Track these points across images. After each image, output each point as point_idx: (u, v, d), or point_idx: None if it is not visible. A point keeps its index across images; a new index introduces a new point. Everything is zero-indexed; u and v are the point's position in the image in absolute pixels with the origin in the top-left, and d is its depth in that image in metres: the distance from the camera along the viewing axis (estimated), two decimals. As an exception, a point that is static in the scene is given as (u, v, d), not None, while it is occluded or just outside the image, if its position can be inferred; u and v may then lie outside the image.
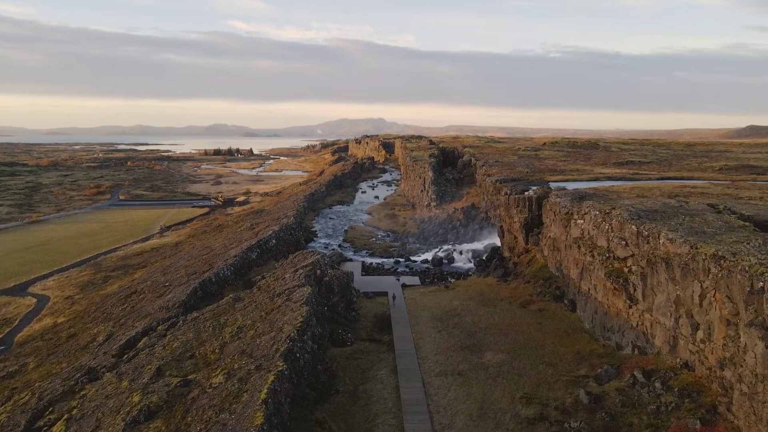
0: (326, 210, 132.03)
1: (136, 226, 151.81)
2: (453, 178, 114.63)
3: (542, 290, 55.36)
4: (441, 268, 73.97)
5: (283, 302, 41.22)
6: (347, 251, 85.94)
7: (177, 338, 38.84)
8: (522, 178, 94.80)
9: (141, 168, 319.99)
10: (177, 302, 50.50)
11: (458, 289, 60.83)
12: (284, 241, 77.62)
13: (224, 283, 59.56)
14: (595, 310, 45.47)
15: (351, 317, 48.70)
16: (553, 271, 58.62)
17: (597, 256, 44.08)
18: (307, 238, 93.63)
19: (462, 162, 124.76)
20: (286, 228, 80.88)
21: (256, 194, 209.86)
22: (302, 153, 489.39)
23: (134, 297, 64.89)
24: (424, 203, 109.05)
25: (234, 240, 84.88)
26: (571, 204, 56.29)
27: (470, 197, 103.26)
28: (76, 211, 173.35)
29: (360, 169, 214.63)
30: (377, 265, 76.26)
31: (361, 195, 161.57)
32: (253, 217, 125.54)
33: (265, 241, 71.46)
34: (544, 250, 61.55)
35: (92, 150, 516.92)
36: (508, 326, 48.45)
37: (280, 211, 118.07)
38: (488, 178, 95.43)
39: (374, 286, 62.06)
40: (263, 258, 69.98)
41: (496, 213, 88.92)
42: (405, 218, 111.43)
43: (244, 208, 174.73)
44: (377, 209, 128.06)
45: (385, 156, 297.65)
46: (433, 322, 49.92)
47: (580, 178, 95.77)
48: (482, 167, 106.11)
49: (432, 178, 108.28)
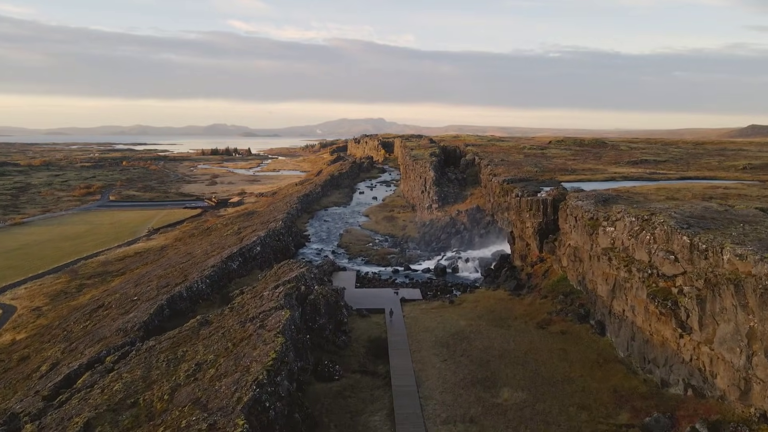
0: (321, 212, 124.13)
1: (124, 228, 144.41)
2: (456, 178, 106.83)
3: (563, 308, 47.56)
4: (445, 279, 66.10)
5: (255, 329, 33.44)
6: (341, 259, 78.02)
7: (122, 377, 31.06)
8: (531, 178, 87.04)
9: (136, 168, 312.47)
10: (137, 324, 42.72)
11: (465, 304, 53.00)
12: (271, 248, 69.83)
13: (198, 298, 51.78)
14: (631, 335, 37.73)
15: (340, 342, 40.95)
16: (574, 284, 50.84)
17: (635, 272, 36.32)
18: (298, 243, 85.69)
19: (465, 161, 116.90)
20: (273, 233, 73.05)
21: (251, 195, 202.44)
22: (301, 153, 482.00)
23: (100, 312, 57.15)
24: (425, 205, 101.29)
25: (217, 246, 77.16)
26: (595, 208, 48.52)
27: (475, 199, 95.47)
28: (62, 213, 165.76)
29: (358, 168, 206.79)
30: (374, 276, 68.35)
31: (358, 196, 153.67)
32: (243, 219, 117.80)
33: (249, 249, 63.63)
34: (563, 260, 53.77)
35: (89, 150, 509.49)
36: (527, 353, 40.68)
37: (271, 214, 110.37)
38: (494, 179, 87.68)
39: (369, 301, 54.29)
40: (246, 267, 62.20)
41: (503, 216, 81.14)
42: (404, 221, 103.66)
43: (237, 209, 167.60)
44: (375, 211, 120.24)
45: (384, 155, 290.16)
46: (437, 347, 42.08)
47: (595, 178, 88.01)
48: (487, 166, 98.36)
49: (433, 178, 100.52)
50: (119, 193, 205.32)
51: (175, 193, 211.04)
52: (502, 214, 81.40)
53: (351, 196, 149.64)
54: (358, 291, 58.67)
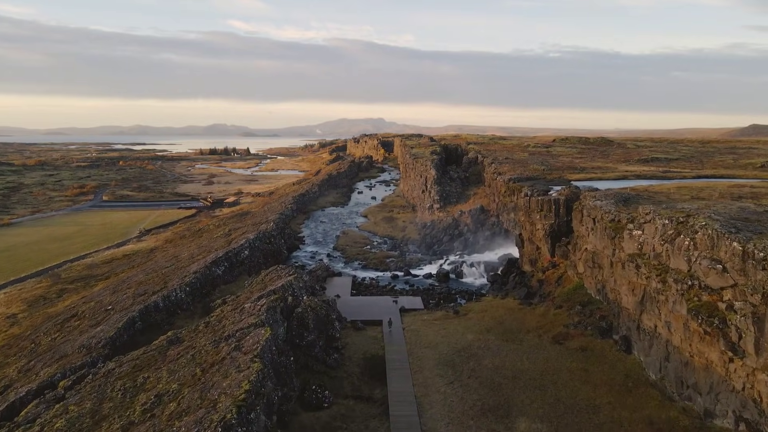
0: (318, 212, 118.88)
1: (115, 229, 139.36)
2: (458, 177, 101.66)
3: (581, 320, 42.47)
4: (448, 286, 60.84)
5: (230, 351, 28.36)
6: (336, 263, 72.73)
7: (68, 410, 25.97)
8: (539, 176, 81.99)
9: (132, 168, 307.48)
10: (102, 339, 37.61)
11: (471, 315, 47.88)
12: (261, 252, 64.70)
13: (176, 308, 46.67)
14: (665, 355, 32.67)
15: (332, 361, 35.89)
16: (592, 293, 45.76)
17: (672, 283, 31.25)
18: (292, 246, 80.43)
19: (467, 159, 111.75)
20: (263, 236, 67.89)
21: (248, 195, 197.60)
22: (300, 152, 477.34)
23: (72, 323, 52.03)
24: (426, 205, 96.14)
25: (205, 249, 72.08)
26: (616, 208, 43.42)
27: (478, 198, 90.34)
28: (52, 213, 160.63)
29: (357, 168, 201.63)
30: (371, 282, 63.03)
31: (357, 196, 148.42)
32: (236, 220, 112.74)
33: (236, 253, 58.48)
34: (579, 265, 48.68)
35: (87, 150, 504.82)
36: (543, 374, 35.60)
37: (264, 214, 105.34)
38: (499, 177, 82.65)
39: (366, 311, 49.19)
40: (233, 273, 57.07)
41: (509, 217, 76.10)
42: (404, 222, 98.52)
43: (233, 209, 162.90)
44: (374, 211, 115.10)
45: (383, 155, 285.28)
46: (441, 367, 36.99)
47: (606, 177, 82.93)
48: (491, 165, 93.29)
49: (435, 176, 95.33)
50: (113, 193, 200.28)
51: (170, 193, 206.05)
52: (508, 215, 76.35)
53: (349, 196, 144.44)
54: (353, 299, 53.53)
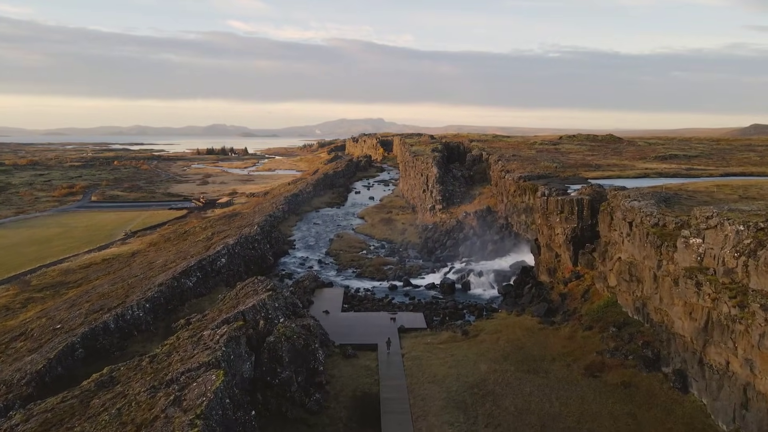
0: (312, 214, 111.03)
1: (100, 231, 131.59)
2: (462, 175, 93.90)
3: (618, 345, 34.74)
4: (454, 299, 52.73)
5: (166, 406, 20.65)
6: (328, 270, 64.84)
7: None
8: (551, 174, 74.31)
9: (127, 168, 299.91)
10: (28, 374, 29.88)
11: (483, 336, 40.11)
12: (242, 259, 56.92)
13: (134, 329, 38.96)
14: (743, 402, 25.00)
15: (312, 404, 28.20)
16: (629, 312, 38.05)
17: (759, 310, 23.60)
18: (280, 250, 72.47)
19: (471, 157, 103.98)
20: (245, 241, 60.01)
21: (242, 195, 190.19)
22: (298, 152, 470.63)
23: (16, 344, 44.37)
24: (428, 206, 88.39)
25: (183, 255, 64.39)
26: (659, 210, 35.72)
27: (484, 199, 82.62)
28: (37, 214, 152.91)
29: (355, 167, 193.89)
30: (366, 293, 54.83)
31: (354, 196, 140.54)
32: (224, 222, 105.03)
33: (211, 261, 50.71)
34: (610, 277, 40.98)
35: (83, 150, 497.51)
36: (580, 421, 27.88)
37: (253, 216, 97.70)
38: (508, 176, 74.96)
39: (358, 331, 41.47)
40: (207, 284, 49.36)
41: (520, 219, 68.43)
42: (404, 224, 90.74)
43: (225, 210, 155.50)
44: (371, 213, 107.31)
45: (383, 154, 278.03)
46: (450, 410, 29.26)
47: (625, 174, 75.23)
48: (498, 162, 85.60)
49: (437, 175, 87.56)
50: (103, 193, 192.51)
51: (162, 193, 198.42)
52: (519, 217, 68.67)
53: (346, 197, 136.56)
54: (344, 316, 45.73)
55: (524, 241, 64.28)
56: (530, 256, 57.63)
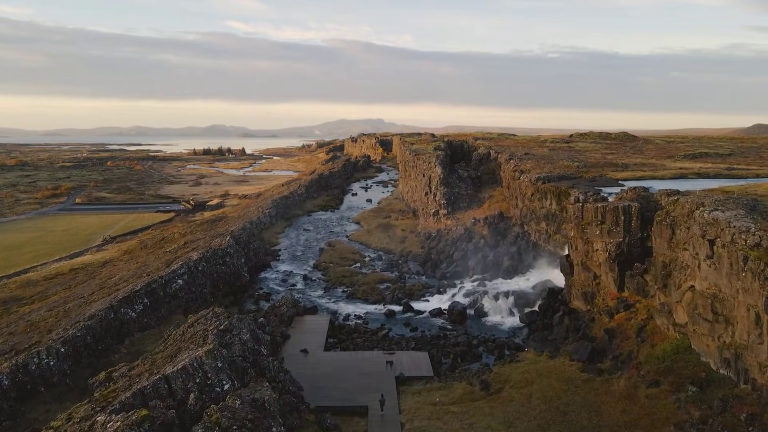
0: (303, 218, 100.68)
1: (77, 236, 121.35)
2: (468, 176, 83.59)
3: (705, 415, 24.49)
4: (466, 330, 41.99)
5: None
6: (314, 289, 54.33)
7: None
8: (573, 175, 64.05)
9: (120, 168, 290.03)
10: None
11: (509, 392, 29.81)
12: (209, 277, 46.63)
13: (40, 383, 28.74)
14: None
15: None
16: (711, 363, 27.82)
17: None
18: (261, 263, 62.00)
19: (477, 156, 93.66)
20: (213, 256, 49.55)
21: (234, 197, 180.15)
22: (297, 153, 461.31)
23: None
24: (431, 210, 78.14)
25: (145, 269, 54.06)
26: (759, 226, 25.56)
27: (495, 203, 72.34)
28: (14, 218, 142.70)
29: (353, 167, 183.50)
30: (357, 322, 44.13)
31: (350, 198, 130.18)
32: (206, 228, 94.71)
33: (164, 284, 40.47)
34: (678, 312, 30.77)
35: (79, 150, 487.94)
36: None
37: (238, 221, 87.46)
38: (523, 177, 64.70)
39: (345, 381, 31.21)
40: (159, 312, 39.09)
41: (539, 228, 58.16)
42: (404, 231, 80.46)
43: (214, 213, 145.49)
44: (368, 217, 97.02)
45: (382, 154, 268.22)
46: None
47: (659, 175, 64.83)
48: (509, 161, 75.33)
49: (441, 175, 77.29)
50: (89, 194, 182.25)
51: (151, 195, 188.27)
52: (538, 225, 58.37)
53: (341, 199, 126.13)
54: (328, 357, 35.43)
55: (545, 253, 54.04)
56: (556, 274, 47.40)
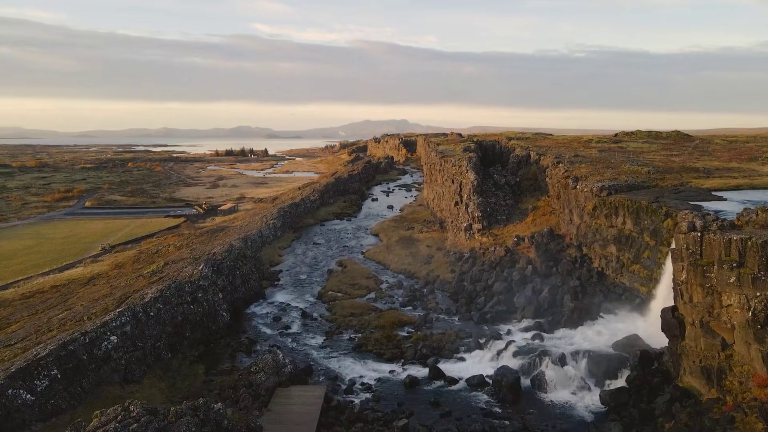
0: (315, 229, 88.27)
1: (76, 244, 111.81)
2: (506, 182, 69.99)
3: None
4: (522, 417, 28.52)
5: None
6: (313, 334, 40.85)
7: None
8: (646, 183, 49.99)
9: (140, 170, 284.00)
10: None
11: None
12: (168, 324, 34.37)
13: None
14: None
15: None
16: None
17: None
18: (251, 293, 49.09)
19: (515, 158, 79.85)
20: (178, 291, 36.79)
21: (249, 200, 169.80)
22: (320, 153, 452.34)
23: None
24: (462, 224, 64.82)
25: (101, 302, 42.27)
26: None
27: (541, 216, 58.67)
28: (17, 223, 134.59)
29: (374, 169, 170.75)
30: (364, 400, 30.34)
31: (370, 204, 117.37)
32: (205, 239, 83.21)
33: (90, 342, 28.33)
34: None
35: (105, 151, 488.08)
36: None
37: (238, 233, 75.65)
38: (581, 185, 50.92)
39: None
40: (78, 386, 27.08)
41: (606, 252, 44.45)
42: (429, 247, 67.33)
43: (225, 218, 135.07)
44: (388, 228, 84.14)
45: (405, 155, 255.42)
46: None
47: (758, 183, 50.44)
48: (557, 165, 61.53)
49: (474, 182, 63.68)
50: (100, 197, 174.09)
51: (164, 198, 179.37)
52: (606, 249, 44.66)
53: (359, 205, 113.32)
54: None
55: (619, 289, 40.36)
56: (640, 323, 33.80)
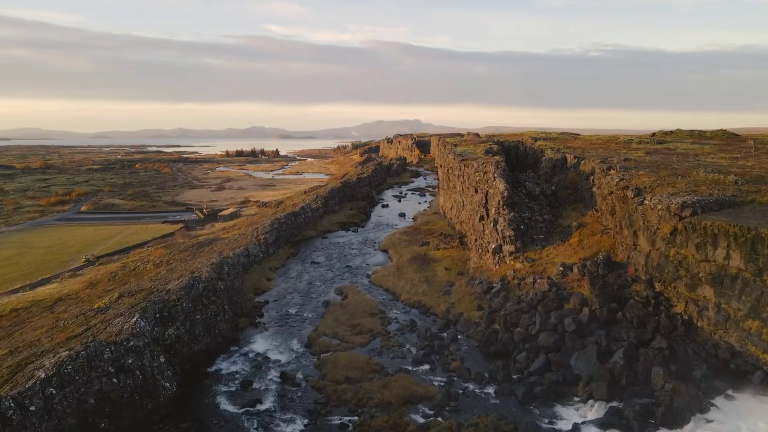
0: (316, 242, 76.79)
1: (59, 255, 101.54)
2: (541, 192, 57.86)
3: None
4: None
5: None
6: (291, 416, 29.83)
7: None
8: (737, 198, 37.80)
9: (147, 171, 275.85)
10: None
11: None
12: (74, 411, 23.15)
13: None
14: None
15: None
16: None
17: None
18: (219, 340, 37.60)
19: (549, 162, 67.53)
20: (94, 358, 24.98)
21: (253, 205, 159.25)
22: (331, 154, 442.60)
23: None
24: (489, 244, 52.73)
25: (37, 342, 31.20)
26: None
27: (589, 236, 46.53)
28: (3, 229, 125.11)
29: (385, 172, 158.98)
30: None
31: (380, 211, 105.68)
32: (189, 255, 72.07)
33: None
34: None
35: (117, 152, 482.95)
36: None
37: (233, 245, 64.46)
38: (649, 200, 38.82)
39: None
40: None
41: (701, 296, 32.39)
42: (449, 271, 55.32)
43: (225, 224, 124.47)
44: (399, 243, 72.37)
45: (419, 156, 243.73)
46: None
47: None
48: (608, 172, 49.27)
49: (505, 193, 51.41)
50: (97, 202, 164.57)
51: (165, 201, 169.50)
52: (696, 291, 32.44)
53: (368, 213, 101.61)
54: None
55: (725, 352, 28.33)
56: None
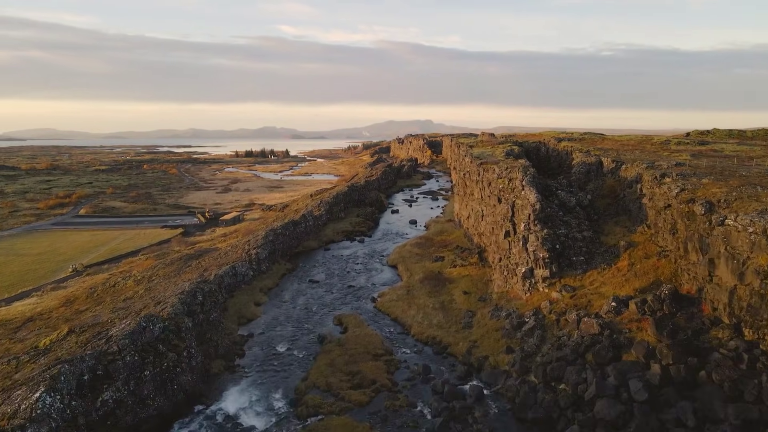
0: (317, 255, 68.82)
1: (48, 262, 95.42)
2: (577, 203, 49.13)
3: None
4: None
5: None
6: None
7: None
8: None
9: (155, 171, 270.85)
10: None
11: None
12: None
13: None
14: None
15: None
16: None
17: None
18: (174, 400, 29.15)
19: (583, 167, 58.65)
20: None
21: (258, 208, 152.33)
22: (342, 154, 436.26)
23: None
24: (518, 267, 44.01)
25: None
26: None
27: (643, 260, 37.93)
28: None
29: (395, 174, 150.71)
30: None
31: (389, 218, 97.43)
32: (174, 270, 64.36)
33: None
34: None
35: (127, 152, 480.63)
36: None
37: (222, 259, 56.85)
38: (731, 220, 30.30)
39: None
40: None
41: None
42: (468, 298, 46.80)
43: (225, 230, 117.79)
44: (410, 258, 64.06)
45: (430, 157, 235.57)
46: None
47: None
48: (663, 180, 40.58)
49: (536, 206, 42.89)
50: (97, 205, 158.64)
51: (168, 204, 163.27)
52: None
53: (377, 219, 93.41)
54: None
55: None
56: None
